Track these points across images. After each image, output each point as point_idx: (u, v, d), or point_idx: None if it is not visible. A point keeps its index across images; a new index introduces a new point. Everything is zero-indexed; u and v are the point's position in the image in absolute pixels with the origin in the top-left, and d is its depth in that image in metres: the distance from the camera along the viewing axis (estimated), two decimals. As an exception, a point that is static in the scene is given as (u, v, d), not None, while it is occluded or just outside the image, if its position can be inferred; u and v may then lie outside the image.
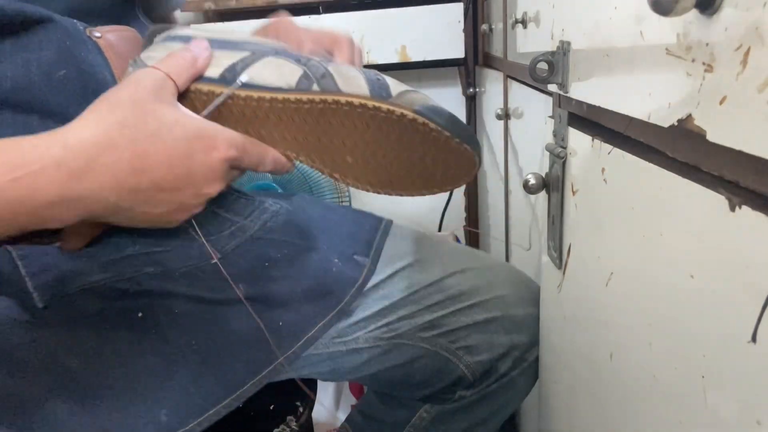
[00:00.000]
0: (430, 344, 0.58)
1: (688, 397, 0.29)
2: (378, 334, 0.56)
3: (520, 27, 0.74)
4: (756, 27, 0.21)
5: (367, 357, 0.57)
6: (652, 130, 0.33)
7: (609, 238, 0.39)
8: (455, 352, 0.58)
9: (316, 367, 0.56)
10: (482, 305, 0.59)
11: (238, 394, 0.46)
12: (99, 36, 0.47)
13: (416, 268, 0.59)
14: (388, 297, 0.56)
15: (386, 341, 0.56)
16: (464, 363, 0.59)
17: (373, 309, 0.56)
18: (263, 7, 1.25)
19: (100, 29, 0.48)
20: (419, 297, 0.57)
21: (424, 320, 0.57)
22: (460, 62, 1.31)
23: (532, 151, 0.70)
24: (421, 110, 0.46)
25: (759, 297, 0.23)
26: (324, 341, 0.54)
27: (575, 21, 0.44)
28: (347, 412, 1.13)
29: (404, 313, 0.57)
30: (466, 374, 0.59)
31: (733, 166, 0.25)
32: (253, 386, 0.47)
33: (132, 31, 0.52)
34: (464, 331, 0.58)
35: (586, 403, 0.47)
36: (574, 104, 0.46)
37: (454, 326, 0.58)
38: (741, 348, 0.24)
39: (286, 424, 0.60)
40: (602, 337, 0.42)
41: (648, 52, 0.31)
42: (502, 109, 0.96)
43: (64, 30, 0.44)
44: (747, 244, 0.24)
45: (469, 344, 0.58)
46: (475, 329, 0.58)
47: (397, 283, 0.57)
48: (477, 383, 0.60)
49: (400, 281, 0.57)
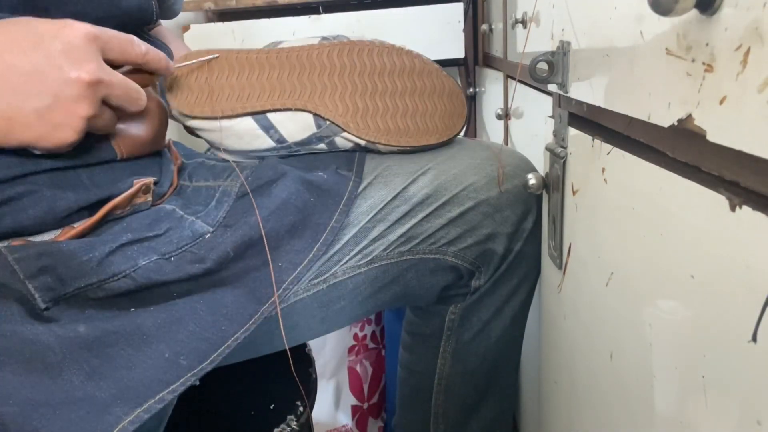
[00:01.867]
0: (412, 254, 0.58)
1: (688, 397, 0.29)
2: (354, 263, 0.56)
3: (520, 27, 0.74)
4: (756, 27, 0.21)
5: (351, 287, 0.57)
6: (652, 130, 0.33)
7: (609, 238, 0.39)
8: (439, 250, 0.59)
9: (307, 322, 0.57)
10: (452, 201, 0.58)
11: (247, 327, 0.47)
12: None
13: (377, 185, 0.59)
14: (354, 224, 0.56)
15: (365, 267, 0.57)
16: (451, 254, 0.59)
17: (342, 240, 0.56)
18: (263, 7, 1.25)
19: None
20: (385, 214, 0.57)
21: (397, 235, 0.57)
22: (460, 62, 1.31)
23: (532, 151, 0.70)
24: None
25: (759, 297, 0.23)
26: (304, 285, 0.54)
27: (575, 21, 0.44)
28: (347, 412, 1.14)
29: (374, 234, 0.57)
30: (460, 264, 0.60)
31: (733, 166, 0.25)
32: (261, 316, 0.48)
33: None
34: (442, 231, 0.58)
35: (586, 403, 0.47)
36: (574, 104, 0.46)
37: (430, 231, 0.58)
38: (741, 348, 0.24)
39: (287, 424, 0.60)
40: (602, 337, 0.42)
41: (648, 52, 0.31)
42: (502, 109, 0.96)
43: None
44: (747, 244, 0.24)
45: (451, 238, 0.59)
46: (453, 224, 0.58)
47: (360, 206, 0.57)
48: (483, 269, 0.61)
49: (363, 203, 0.57)
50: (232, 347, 0.45)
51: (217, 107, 0.56)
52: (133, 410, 0.39)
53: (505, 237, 0.59)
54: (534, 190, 0.53)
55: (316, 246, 0.53)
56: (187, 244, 0.49)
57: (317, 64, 0.58)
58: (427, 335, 0.68)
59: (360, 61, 0.58)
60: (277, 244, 0.51)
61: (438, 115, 0.60)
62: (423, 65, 0.60)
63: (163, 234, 0.49)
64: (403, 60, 0.59)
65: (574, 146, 0.47)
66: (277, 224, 0.51)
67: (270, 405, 0.62)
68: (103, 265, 0.44)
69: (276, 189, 0.54)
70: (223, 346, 0.45)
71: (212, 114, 0.57)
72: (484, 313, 0.64)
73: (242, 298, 0.47)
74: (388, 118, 0.59)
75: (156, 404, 0.40)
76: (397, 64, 0.59)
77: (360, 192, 0.58)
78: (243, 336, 0.46)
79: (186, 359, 0.43)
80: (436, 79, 0.60)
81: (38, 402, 0.38)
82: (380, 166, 0.60)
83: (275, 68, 0.58)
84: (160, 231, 0.49)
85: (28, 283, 0.42)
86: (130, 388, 0.40)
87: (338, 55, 0.58)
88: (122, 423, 0.38)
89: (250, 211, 0.52)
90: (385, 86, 0.58)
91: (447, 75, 0.60)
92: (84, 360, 0.40)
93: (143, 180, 0.51)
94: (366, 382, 1.14)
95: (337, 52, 0.58)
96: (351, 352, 1.12)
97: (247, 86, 0.57)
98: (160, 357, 0.42)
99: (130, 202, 0.50)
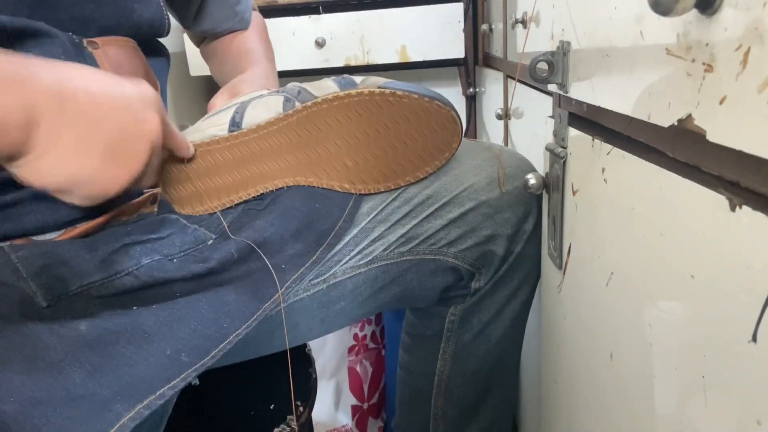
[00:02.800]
0: (412, 255, 0.58)
1: (688, 397, 0.29)
2: (354, 263, 0.56)
3: (520, 27, 0.74)
4: (756, 27, 0.21)
5: (351, 287, 0.57)
6: (652, 130, 0.33)
7: (609, 238, 0.39)
8: (439, 251, 0.59)
9: (307, 323, 0.57)
10: (453, 202, 0.58)
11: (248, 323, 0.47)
12: (97, 47, 0.48)
13: None
14: (354, 224, 0.56)
15: (365, 267, 0.57)
16: (452, 255, 0.59)
17: (343, 240, 0.56)
18: (263, 7, 1.25)
19: (100, 40, 0.48)
20: (386, 214, 0.57)
21: (397, 236, 0.57)
22: (460, 62, 1.32)
23: (532, 151, 0.70)
24: (384, 85, 0.52)
25: (759, 297, 0.23)
26: (303, 285, 0.54)
27: (575, 21, 0.44)
28: (347, 412, 1.14)
29: (375, 235, 0.57)
30: (460, 265, 0.60)
31: (733, 166, 0.25)
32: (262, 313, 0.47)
33: (132, 42, 0.52)
34: (442, 232, 0.58)
35: (586, 403, 0.47)
36: (574, 104, 0.46)
37: (430, 232, 0.58)
38: (741, 348, 0.24)
39: (287, 424, 0.60)
40: (602, 337, 0.42)
41: (648, 52, 0.31)
42: (502, 109, 0.97)
43: (59, 44, 0.45)
44: (747, 244, 0.24)
45: (451, 239, 0.59)
46: (453, 225, 0.58)
47: (361, 207, 0.57)
48: (483, 271, 0.61)
49: (363, 203, 0.57)
50: (234, 343, 0.45)
51: (211, 206, 0.54)
52: (133, 407, 0.39)
53: (505, 238, 0.59)
54: (534, 190, 0.53)
55: (320, 249, 0.53)
56: (190, 248, 0.49)
57: (283, 141, 0.53)
58: (427, 336, 0.68)
59: (331, 122, 0.53)
60: (281, 247, 0.51)
61: (430, 143, 0.54)
62: (397, 101, 0.52)
63: (166, 237, 0.49)
64: (376, 105, 0.52)
65: (574, 146, 0.47)
66: (281, 228, 0.51)
67: (270, 405, 0.62)
68: (105, 264, 0.44)
69: (281, 198, 0.54)
70: (224, 341, 0.45)
71: (207, 212, 0.54)
72: (484, 314, 0.64)
73: (245, 296, 0.48)
74: (382, 166, 0.55)
75: (156, 400, 0.40)
76: (373, 111, 0.52)
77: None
78: (244, 332, 0.46)
79: (187, 356, 0.43)
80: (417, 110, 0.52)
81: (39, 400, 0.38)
82: None
83: (254, 156, 0.53)
84: (163, 235, 0.49)
85: (30, 281, 0.42)
86: (131, 385, 0.40)
87: (305, 124, 0.53)
88: (122, 420, 0.38)
89: (255, 217, 0.52)
90: (367, 137, 0.53)
91: (429, 99, 0.52)
92: (85, 358, 0.40)
93: (152, 190, 0.51)
94: (366, 382, 1.14)
95: (298, 123, 0.53)
96: (351, 352, 1.13)
97: (232, 181, 0.54)
98: (162, 354, 0.42)
99: (137, 210, 0.50)
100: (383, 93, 0.51)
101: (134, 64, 0.52)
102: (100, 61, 0.48)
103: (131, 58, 0.52)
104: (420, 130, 0.53)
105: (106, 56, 0.48)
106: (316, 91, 0.53)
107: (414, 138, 0.53)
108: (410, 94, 0.51)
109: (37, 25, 0.44)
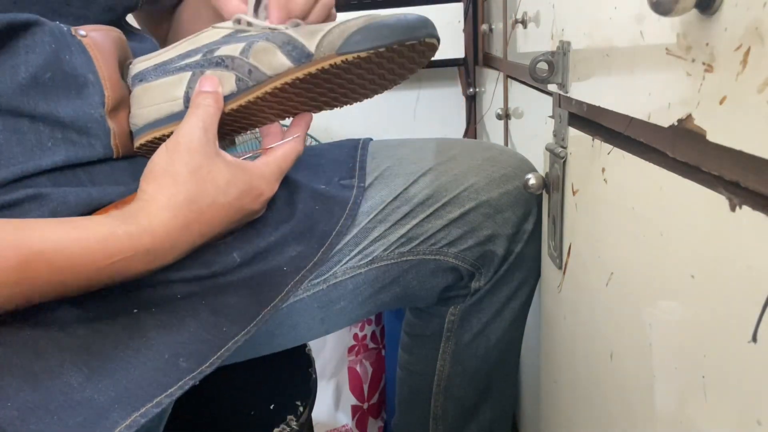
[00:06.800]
0: (412, 255, 0.58)
1: (688, 397, 0.29)
2: (354, 263, 0.56)
3: (520, 27, 0.74)
4: (756, 27, 0.21)
5: (351, 287, 0.57)
6: (652, 130, 0.33)
7: (609, 238, 0.39)
8: (440, 251, 0.59)
9: (307, 323, 0.57)
10: (453, 202, 0.58)
11: (248, 330, 0.46)
12: (84, 35, 0.48)
13: (378, 185, 0.59)
14: (354, 224, 0.56)
15: (365, 267, 0.57)
16: (452, 255, 0.59)
17: (343, 240, 0.56)
18: (263, 7, 1.25)
19: (86, 28, 0.48)
20: (386, 214, 0.57)
21: (397, 236, 0.57)
22: (460, 62, 1.31)
23: (532, 151, 0.70)
24: (344, 48, 0.46)
25: (759, 297, 0.23)
26: (303, 284, 0.54)
27: (575, 21, 0.44)
28: (347, 412, 1.14)
29: (375, 235, 0.57)
30: (460, 265, 0.59)
31: (733, 166, 0.25)
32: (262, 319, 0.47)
33: (117, 31, 0.52)
34: (443, 232, 0.58)
35: (586, 403, 0.47)
36: (574, 104, 0.46)
37: (430, 232, 0.58)
38: (741, 348, 0.24)
39: (286, 424, 0.60)
40: (602, 337, 0.42)
41: (648, 52, 0.31)
42: (502, 109, 0.97)
43: (49, 32, 0.45)
44: (747, 244, 0.24)
45: (451, 240, 0.59)
46: (454, 225, 0.58)
47: (361, 207, 0.57)
48: (483, 271, 0.60)
49: (363, 203, 0.57)
50: (232, 350, 0.45)
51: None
52: (129, 415, 0.39)
53: (505, 238, 0.59)
54: (534, 190, 0.53)
55: (321, 250, 0.53)
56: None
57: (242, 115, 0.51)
58: (427, 336, 0.68)
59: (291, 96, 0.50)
60: (283, 249, 0.51)
61: (408, 65, 0.50)
62: (364, 62, 0.47)
63: None
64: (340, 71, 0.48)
65: (574, 146, 0.47)
66: (282, 230, 0.52)
67: (270, 405, 0.62)
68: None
69: (281, 199, 0.54)
70: (222, 348, 0.44)
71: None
72: (483, 314, 0.64)
73: (245, 300, 0.47)
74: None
75: (153, 408, 0.40)
76: (336, 76, 0.49)
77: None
78: (243, 339, 0.46)
79: (186, 361, 0.43)
80: (389, 58, 0.48)
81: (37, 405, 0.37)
82: (381, 166, 0.60)
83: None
84: None
85: None
86: (129, 391, 0.40)
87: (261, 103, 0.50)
88: (119, 428, 0.38)
89: (256, 220, 0.52)
90: (336, 93, 0.51)
91: (399, 43, 0.46)
92: (83, 362, 0.40)
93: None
94: (366, 382, 1.14)
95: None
96: (351, 352, 1.12)
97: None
98: (160, 358, 0.42)
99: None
100: (346, 60, 0.46)
101: (124, 53, 0.52)
102: (89, 49, 0.48)
103: (118, 46, 0.51)
104: (393, 69, 0.50)
105: (94, 44, 0.48)
106: (267, 69, 0.48)
107: (392, 71, 0.50)
108: (377, 49, 0.45)
109: (26, 15, 0.44)
